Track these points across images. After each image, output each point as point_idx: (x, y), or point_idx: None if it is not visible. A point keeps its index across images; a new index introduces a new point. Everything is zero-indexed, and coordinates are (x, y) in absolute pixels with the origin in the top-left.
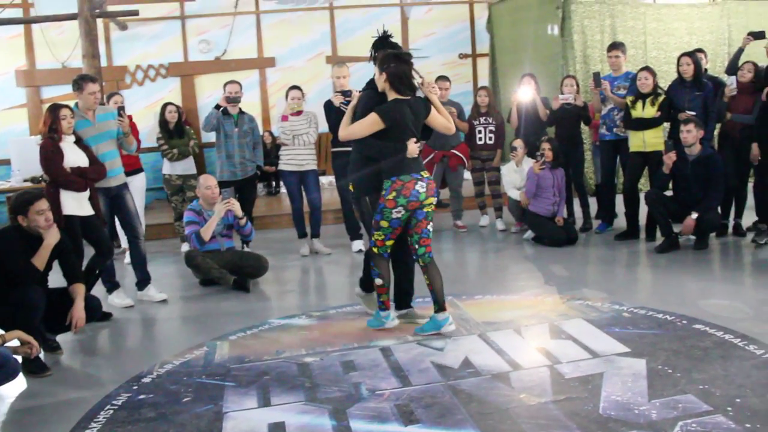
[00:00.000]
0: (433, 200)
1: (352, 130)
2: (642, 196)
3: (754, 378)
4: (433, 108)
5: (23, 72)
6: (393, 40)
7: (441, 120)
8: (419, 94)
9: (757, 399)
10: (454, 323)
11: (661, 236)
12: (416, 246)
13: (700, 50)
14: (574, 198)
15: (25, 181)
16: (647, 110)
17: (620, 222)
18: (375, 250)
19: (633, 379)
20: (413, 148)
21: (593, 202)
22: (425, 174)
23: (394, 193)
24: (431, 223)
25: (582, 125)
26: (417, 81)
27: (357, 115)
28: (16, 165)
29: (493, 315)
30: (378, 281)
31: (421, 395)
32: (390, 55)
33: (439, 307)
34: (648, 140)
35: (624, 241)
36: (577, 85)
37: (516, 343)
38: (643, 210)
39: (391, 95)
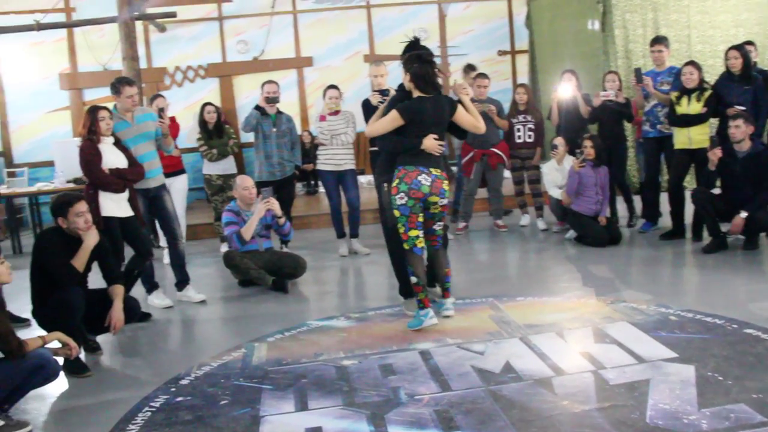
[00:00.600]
0: (439, 200)
1: (375, 126)
2: (688, 194)
3: None
4: (460, 106)
5: (66, 75)
6: (423, 43)
7: (468, 118)
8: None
9: None
10: (435, 318)
11: (709, 236)
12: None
13: (749, 42)
14: (617, 196)
15: (68, 182)
16: (693, 106)
17: (665, 221)
18: (405, 246)
19: (681, 386)
20: (431, 143)
21: (637, 200)
22: (435, 171)
23: (397, 180)
24: (440, 224)
25: (625, 122)
26: (452, 83)
27: (384, 114)
28: (60, 167)
29: (535, 318)
30: (413, 279)
31: (460, 401)
32: (413, 56)
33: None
34: (694, 137)
35: (669, 240)
36: (620, 81)
37: (559, 347)
38: (689, 209)
39: (415, 94)
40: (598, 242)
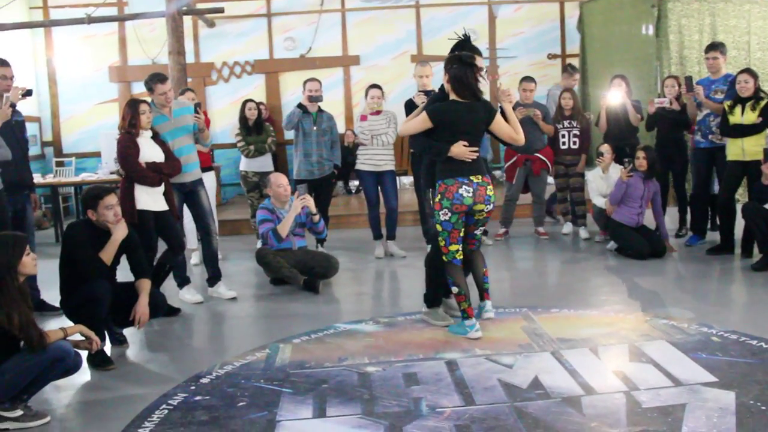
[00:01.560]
0: (485, 207)
1: (406, 125)
2: (739, 208)
3: None
4: (498, 115)
5: (116, 68)
6: (473, 43)
7: (506, 129)
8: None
9: None
10: (481, 332)
11: (759, 252)
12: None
13: None
14: (668, 207)
15: (112, 173)
16: (747, 116)
17: (713, 235)
18: (444, 258)
19: (719, 414)
20: (459, 150)
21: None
22: (476, 179)
23: (439, 196)
24: (481, 229)
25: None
26: (499, 87)
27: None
28: (105, 158)
29: (569, 331)
30: (454, 289)
31: (483, 416)
32: (454, 57)
33: (480, 294)
34: (747, 148)
35: (717, 256)
36: (679, 87)
37: (591, 363)
38: (740, 223)
39: (452, 96)
40: (639, 254)
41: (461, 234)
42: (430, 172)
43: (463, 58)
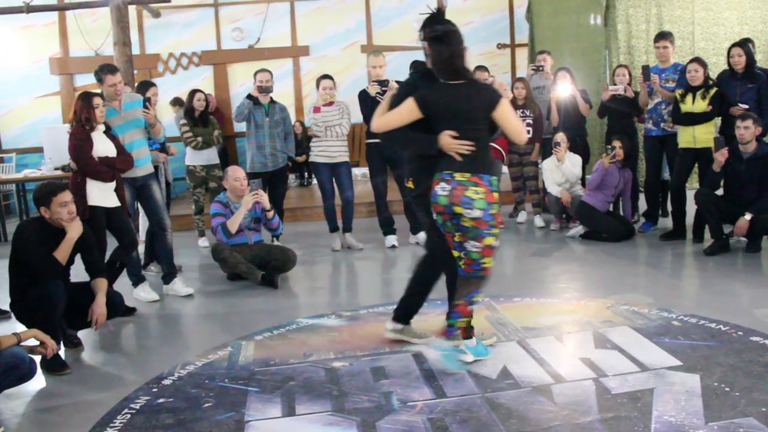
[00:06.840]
0: (463, 210)
1: (385, 119)
2: (690, 194)
3: None
4: (505, 102)
5: (57, 60)
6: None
7: (515, 121)
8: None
9: None
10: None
11: (711, 237)
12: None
13: (748, 40)
14: None
15: (56, 169)
16: (698, 104)
17: (665, 221)
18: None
19: (686, 397)
20: (446, 141)
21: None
22: (461, 176)
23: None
24: (475, 245)
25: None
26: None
27: (392, 104)
28: (48, 153)
29: (533, 320)
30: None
31: (456, 408)
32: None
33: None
34: (698, 136)
35: (669, 241)
36: (630, 76)
37: (558, 351)
38: (691, 209)
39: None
40: (614, 237)
41: (456, 240)
42: (424, 169)
43: (434, 36)
